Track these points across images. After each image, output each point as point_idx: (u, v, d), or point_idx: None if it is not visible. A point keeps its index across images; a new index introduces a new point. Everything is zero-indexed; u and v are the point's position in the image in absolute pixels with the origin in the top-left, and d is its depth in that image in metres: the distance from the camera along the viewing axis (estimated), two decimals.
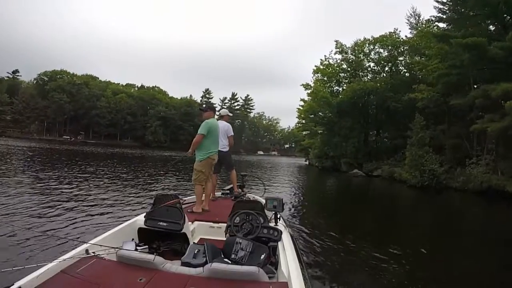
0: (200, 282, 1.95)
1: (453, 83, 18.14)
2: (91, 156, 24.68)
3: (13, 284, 1.70)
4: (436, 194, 15.14)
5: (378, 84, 26.27)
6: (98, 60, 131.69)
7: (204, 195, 4.38)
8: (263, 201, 3.50)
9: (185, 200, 4.54)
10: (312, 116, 33.17)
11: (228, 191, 5.64)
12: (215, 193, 5.41)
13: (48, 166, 14.57)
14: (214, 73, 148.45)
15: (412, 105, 21.89)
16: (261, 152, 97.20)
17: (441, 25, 21.64)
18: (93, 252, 2.26)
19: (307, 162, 47.04)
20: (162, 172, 15.04)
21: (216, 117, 5.40)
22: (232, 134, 5.46)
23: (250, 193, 5.74)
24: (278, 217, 3.21)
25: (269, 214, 3.19)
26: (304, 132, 46.15)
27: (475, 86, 17.51)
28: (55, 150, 28.40)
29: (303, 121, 41.17)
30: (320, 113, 31.92)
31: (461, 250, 5.88)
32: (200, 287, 1.90)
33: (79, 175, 12.15)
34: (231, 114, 5.71)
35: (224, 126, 5.30)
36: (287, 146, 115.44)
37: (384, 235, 6.67)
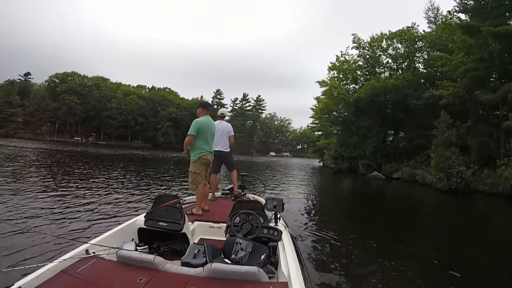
0: (200, 282, 1.98)
1: (480, 77, 17.53)
2: (100, 158, 25.19)
3: (13, 284, 1.74)
4: (464, 198, 14.44)
5: (398, 81, 25.62)
6: (109, 62, 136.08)
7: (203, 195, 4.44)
8: (263, 201, 3.56)
9: (185, 200, 4.63)
10: (327, 116, 32.78)
11: (228, 191, 5.77)
12: (215, 193, 5.52)
13: (52, 168, 14.90)
14: (225, 74, 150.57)
15: (433, 102, 21.26)
16: (273, 153, 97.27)
17: (463, 17, 21.04)
18: (93, 252, 2.31)
19: (321, 164, 46.62)
20: (166, 174, 15.07)
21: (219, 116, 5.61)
22: (233, 134, 5.62)
23: (250, 193, 5.82)
24: (278, 217, 3.26)
25: (269, 214, 3.24)
26: (317, 133, 45.77)
27: (503, 81, 16.87)
28: (63, 152, 29.01)
29: (317, 121, 40.84)
30: (335, 113, 31.50)
31: (492, 262, 5.44)
32: (200, 287, 1.94)
33: (82, 176, 12.40)
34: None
35: (227, 127, 5.44)
36: (299, 147, 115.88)
37: (400, 241, 6.39)
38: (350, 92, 30.08)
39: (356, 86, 30.83)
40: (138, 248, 2.64)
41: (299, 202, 10.39)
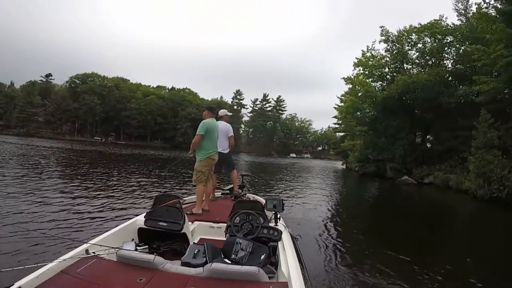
0: (200, 282, 2.03)
1: None
2: (115, 157, 25.88)
3: (13, 284, 1.80)
4: (508, 208, 13.11)
5: (431, 77, 24.53)
6: (129, 64, 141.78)
7: (204, 195, 4.62)
8: (263, 201, 3.69)
9: (185, 200, 4.80)
10: (352, 115, 32.00)
11: (228, 191, 5.95)
12: (215, 193, 5.69)
13: (62, 167, 15.37)
14: (246, 75, 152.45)
15: (465, 101, 20.11)
16: (294, 155, 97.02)
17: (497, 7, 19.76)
18: (93, 252, 2.38)
19: (344, 166, 45.92)
20: (169, 174, 15.14)
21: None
22: (232, 134, 5.69)
23: (250, 193, 5.98)
24: (278, 217, 3.35)
25: (269, 214, 3.32)
26: (340, 134, 44.99)
27: None
28: (80, 151, 29.86)
29: (340, 121, 40.09)
30: (358, 113, 30.77)
31: None
32: (200, 287, 1.99)
33: (89, 175, 12.73)
34: (230, 114, 5.90)
35: (224, 127, 5.52)
36: (319, 148, 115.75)
37: (420, 253, 6.04)
38: (377, 90, 29.22)
39: (383, 84, 29.92)
40: (138, 248, 2.70)
41: (318, 206, 10.21)
